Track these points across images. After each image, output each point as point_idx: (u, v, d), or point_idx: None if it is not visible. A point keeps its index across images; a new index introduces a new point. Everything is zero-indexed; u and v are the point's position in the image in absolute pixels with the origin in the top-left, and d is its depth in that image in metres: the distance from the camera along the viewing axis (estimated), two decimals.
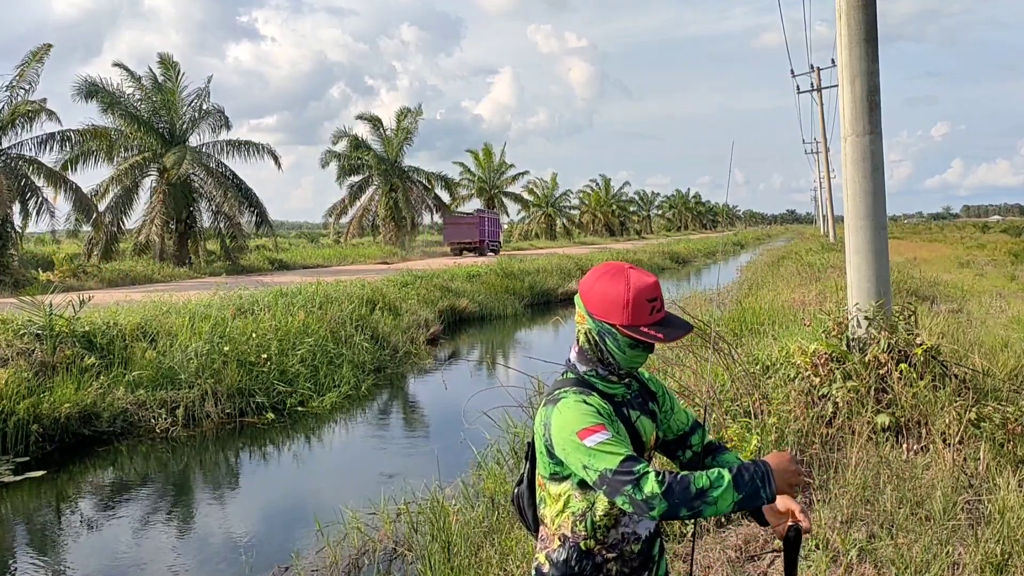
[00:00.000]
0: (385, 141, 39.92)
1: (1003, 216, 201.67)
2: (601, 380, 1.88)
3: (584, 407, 1.77)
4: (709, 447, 2.04)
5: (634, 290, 1.77)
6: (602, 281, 1.81)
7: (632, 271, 1.81)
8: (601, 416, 1.76)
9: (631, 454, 1.69)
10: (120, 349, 9.56)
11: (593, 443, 1.69)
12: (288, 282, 16.82)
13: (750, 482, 1.64)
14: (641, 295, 1.77)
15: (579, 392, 1.82)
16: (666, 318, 1.82)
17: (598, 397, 1.83)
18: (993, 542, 3.51)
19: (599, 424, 1.72)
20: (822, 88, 35.74)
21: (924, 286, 14.31)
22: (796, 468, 1.72)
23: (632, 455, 1.70)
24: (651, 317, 1.78)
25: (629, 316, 1.77)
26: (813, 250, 27.32)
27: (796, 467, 1.72)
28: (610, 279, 1.80)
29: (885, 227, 6.07)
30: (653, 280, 1.81)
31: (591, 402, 1.79)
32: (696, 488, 1.62)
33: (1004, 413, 4.77)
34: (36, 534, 6.48)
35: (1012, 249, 29.48)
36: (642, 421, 1.92)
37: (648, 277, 1.81)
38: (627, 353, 1.83)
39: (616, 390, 1.90)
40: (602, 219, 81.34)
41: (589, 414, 1.75)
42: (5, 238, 20.68)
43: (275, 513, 6.89)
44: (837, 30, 6.18)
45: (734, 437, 4.43)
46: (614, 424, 1.78)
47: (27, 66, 21.83)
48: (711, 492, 1.62)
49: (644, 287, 1.78)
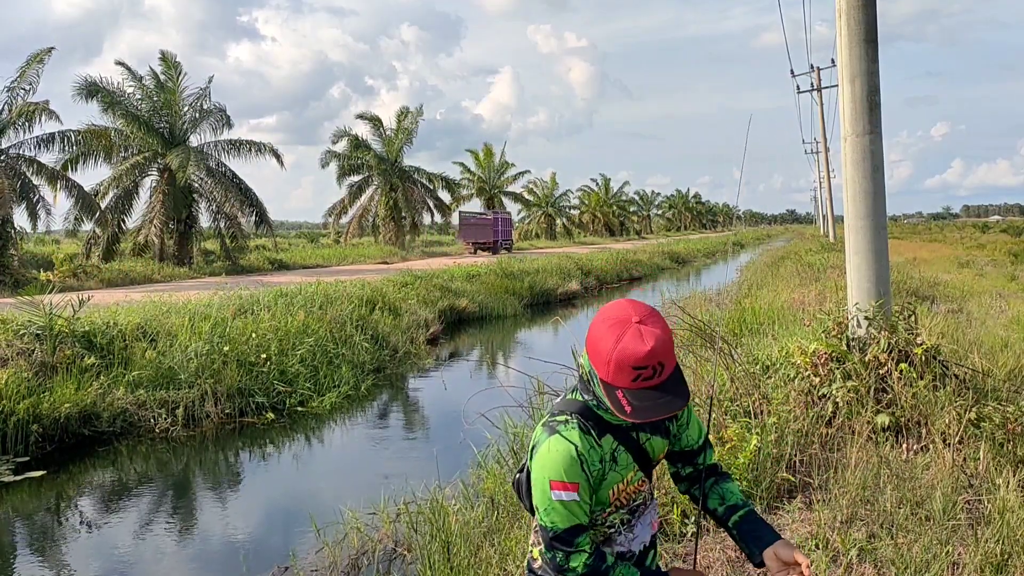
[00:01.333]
0: (385, 141, 39.90)
1: (1003, 216, 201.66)
2: (605, 412, 1.79)
3: (574, 460, 1.71)
4: (712, 469, 2.00)
5: (619, 352, 1.62)
6: (603, 326, 1.68)
7: (632, 329, 1.63)
8: (586, 475, 1.72)
9: (581, 524, 1.73)
10: (120, 349, 9.56)
11: (558, 498, 1.70)
12: (288, 282, 16.82)
13: None
14: (625, 360, 1.61)
15: (581, 431, 1.75)
16: (662, 385, 1.64)
17: (592, 442, 1.75)
18: (993, 542, 3.51)
19: (575, 483, 1.70)
20: (822, 88, 35.74)
21: (924, 286, 14.31)
22: None
23: (580, 526, 1.73)
24: (635, 384, 1.62)
25: (610, 375, 1.64)
26: (813, 250, 27.31)
27: None
28: (608, 328, 1.66)
29: (885, 227, 6.06)
30: (646, 350, 1.60)
31: (586, 453, 1.73)
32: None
33: (1004, 413, 4.77)
34: (36, 534, 6.47)
35: (1012, 249, 29.49)
36: (653, 442, 1.87)
37: (643, 345, 1.61)
38: (609, 408, 1.69)
39: (622, 422, 1.81)
40: (602, 219, 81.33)
41: (572, 469, 1.70)
42: (5, 238, 20.68)
43: (275, 513, 6.89)
44: (837, 30, 6.18)
45: (734, 437, 4.43)
46: (589, 487, 1.74)
47: (28, 67, 21.83)
48: None
49: (631, 354, 1.61)
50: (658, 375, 1.63)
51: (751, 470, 4.36)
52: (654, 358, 1.61)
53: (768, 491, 4.36)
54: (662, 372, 1.63)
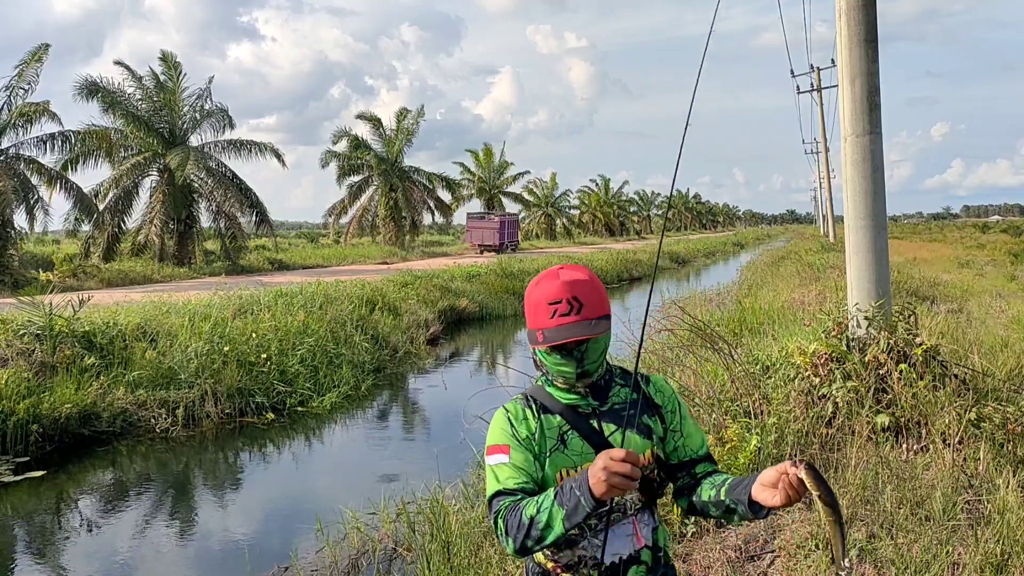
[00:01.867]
0: (385, 141, 39.89)
1: (1003, 216, 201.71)
2: (555, 388, 1.78)
3: (504, 423, 1.72)
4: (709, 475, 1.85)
5: (536, 293, 1.70)
6: (531, 285, 1.74)
7: (550, 273, 1.71)
8: (515, 437, 1.69)
9: (505, 489, 1.64)
10: (120, 349, 9.56)
11: (491, 462, 1.68)
12: (288, 282, 16.82)
13: (569, 492, 1.52)
14: (541, 298, 1.68)
15: (520, 403, 1.77)
16: (581, 322, 1.64)
17: (527, 413, 1.74)
18: (993, 542, 3.51)
19: (505, 445, 1.68)
20: (822, 88, 35.75)
21: (924, 286, 14.31)
22: (604, 461, 1.46)
23: (505, 490, 1.64)
24: (553, 320, 1.65)
25: (533, 320, 1.70)
26: (813, 250, 27.32)
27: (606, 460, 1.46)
28: (533, 284, 1.73)
29: (885, 227, 6.06)
30: (558, 282, 1.67)
31: (516, 418, 1.72)
32: (527, 517, 1.55)
33: (1004, 413, 4.77)
34: (36, 534, 6.47)
35: (1012, 249, 29.49)
36: (624, 436, 1.71)
37: (556, 280, 1.67)
38: (547, 359, 1.73)
39: (572, 399, 1.77)
40: (602, 219, 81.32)
41: (504, 431, 1.71)
42: (5, 238, 20.67)
43: (275, 513, 6.89)
44: (837, 30, 6.18)
45: (734, 437, 4.43)
46: (525, 449, 1.68)
47: (26, 66, 21.79)
48: (540, 516, 1.54)
49: (545, 290, 1.68)
50: (575, 312, 1.64)
51: (751, 470, 4.35)
52: (567, 291, 1.65)
53: None
54: (580, 310, 1.64)
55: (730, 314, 11.04)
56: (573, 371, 1.71)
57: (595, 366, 1.73)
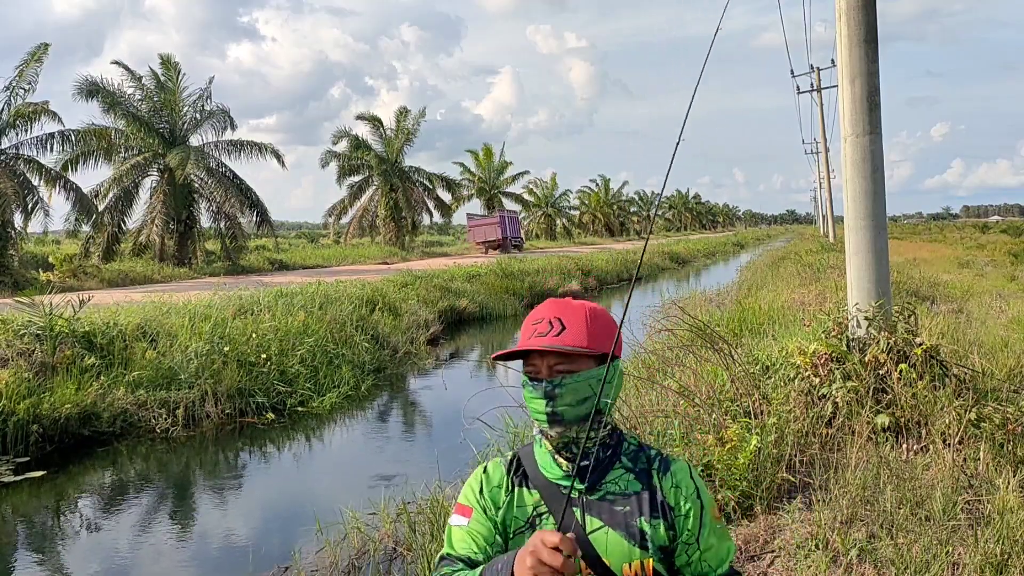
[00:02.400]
0: (385, 141, 39.91)
1: (1003, 216, 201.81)
2: (543, 451, 1.53)
3: (477, 484, 1.54)
4: None
5: (528, 317, 1.56)
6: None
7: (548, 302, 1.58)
8: (481, 504, 1.50)
9: (451, 554, 1.48)
10: (120, 349, 9.56)
11: (451, 522, 1.52)
12: (288, 282, 16.82)
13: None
14: (529, 319, 1.54)
15: (502, 466, 1.56)
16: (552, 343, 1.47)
17: (505, 480, 1.52)
18: (993, 542, 3.51)
19: (470, 508, 1.51)
20: (822, 88, 35.77)
21: (924, 286, 14.31)
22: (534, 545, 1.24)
23: (451, 555, 1.48)
24: (530, 340, 1.49)
25: (519, 344, 1.53)
26: (813, 250, 27.31)
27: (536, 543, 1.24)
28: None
29: (885, 227, 6.06)
30: (550, 302, 1.55)
31: (488, 484, 1.53)
32: None
33: (1004, 413, 4.77)
34: (36, 534, 6.48)
35: (1012, 249, 29.47)
36: (607, 537, 1.43)
37: (550, 301, 1.56)
38: (524, 396, 1.52)
39: (556, 476, 1.50)
40: (602, 219, 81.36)
41: (474, 492, 1.53)
42: (5, 239, 20.68)
43: (275, 513, 6.89)
44: (837, 30, 6.18)
45: (734, 437, 4.43)
46: (489, 520, 1.48)
47: (26, 66, 21.80)
48: None
49: (536, 311, 1.55)
50: (554, 333, 1.47)
51: (751, 470, 4.36)
52: (551, 311, 1.51)
53: (768, 491, 4.36)
54: (561, 332, 1.47)
55: (730, 314, 11.04)
56: (542, 409, 1.46)
57: (571, 412, 1.45)
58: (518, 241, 46.05)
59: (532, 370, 1.49)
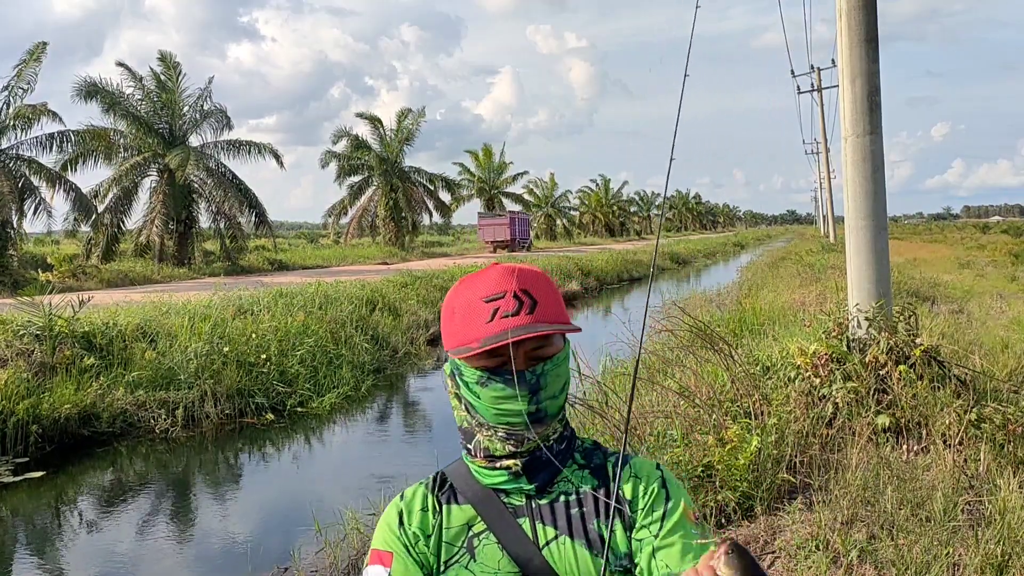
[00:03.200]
0: (385, 141, 39.92)
1: (1004, 216, 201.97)
2: (476, 462, 1.19)
3: (392, 519, 1.19)
4: None
5: (463, 291, 1.15)
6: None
7: (480, 271, 1.18)
8: (402, 541, 1.16)
9: None
10: (120, 349, 9.56)
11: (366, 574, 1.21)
12: (288, 282, 16.81)
13: None
14: (473, 296, 1.13)
15: (424, 488, 1.22)
16: (534, 324, 1.10)
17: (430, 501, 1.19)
18: (993, 543, 3.50)
19: (388, 552, 1.17)
20: (822, 88, 35.78)
21: (924, 287, 14.31)
22: None
23: None
24: (493, 324, 1.09)
25: (459, 333, 1.13)
26: (813, 251, 27.33)
27: None
28: (455, 287, 1.19)
29: (886, 228, 6.06)
30: (500, 270, 1.14)
31: (408, 513, 1.19)
32: None
33: (1004, 414, 4.76)
34: (35, 535, 6.47)
35: (1012, 250, 29.47)
36: (561, 549, 1.12)
37: (492, 270, 1.15)
38: (481, 396, 1.13)
39: (497, 479, 1.17)
40: (602, 219, 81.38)
41: (391, 531, 1.18)
42: (4, 239, 20.67)
43: (274, 514, 6.89)
44: (837, 30, 6.17)
45: (734, 438, 4.43)
46: (415, 561, 1.15)
47: (25, 66, 21.80)
48: None
49: (481, 283, 1.14)
50: (527, 310, 1.10)
51: (752, 471, 4.35)
52: (513, 282, 1.12)
53: (768, 492, 4.36)
54: (533, 308, 1.10)
55: (730, 314, 11.03)
56: (522, 408, 1.11)
57: (554, 405, 1.14)
58: (527, 242, 46.66)
59: (497, 362, 1.11)
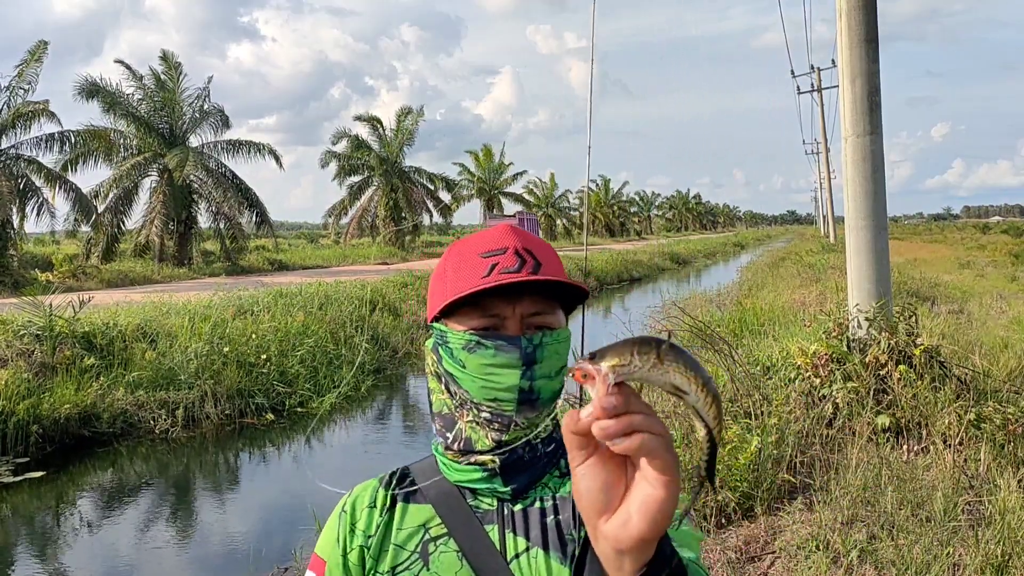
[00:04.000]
0: (385, 142, 39.92)
1: (1004, 217, 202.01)
2: (446, 457, 1.05)
3: (332, 522, 1.07)
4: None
5: (460, 248, 1.04)
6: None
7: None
8: (342, 546, 1.03)
9: None
10: (120, 350, 9.56)
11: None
12: (288, 283, 16.82)
13: None
14: (471, 249, 1.01)
15: (380, 482, 1.08)
16: (537, 280, 0.97)
17: (381, 500, 1.05)
18: (994, 543, 3.50)
19: (321, 559, 1.05)
20: (822, 88, 35.79)
21: (924, 287, 14.31)
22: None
23: None
24: (489, 277, 0.96)
25: (449, 289, 0.99)
26: (813, 251, 27.32)
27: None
28: (451, 247, 1.08)
29: (886, 228, 6.06)
30: (502, 229, 1.04)
31: (355, 510, 1.05)
32: None
33: (1004, 414, 4.76)
34: (36, 535, 6.47)
35: (1012, 250, 29.48)
36: (532, 563, 0.97)
37: (492, 230, 1.05)
38: (468, 364, 0.98)
39: (467, 476, 1.02)
40: (602, 220, 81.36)
41: (331, 534, 1.06)
42: (5, 239, 20.67)
43: (274, 514, 6.89)
44: (837, 30, 6.17)
45: (735, 438, 4.43)
46: (353, 565, 1.02)
47: (26, 65, 21.79)
48: None
49: (479, 239, 1.03)
50: (528, 267, 0.98)
51: (752, 471, 4.35)
52: (511, 239, 1.01)
53: (769, 492, 4.36)
54: (537, 268, 0.98)
55: (730, 315, 11.03)
56: (513, 382, 0.96)
57: (548, 388, 0.98)
58: None
59: (488, 323, 0.98)
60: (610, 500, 0.62)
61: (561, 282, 0.97)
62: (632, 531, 0.60)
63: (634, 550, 0.61)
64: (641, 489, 0.60)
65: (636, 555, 0.62)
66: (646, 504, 0.60)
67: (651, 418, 0.60)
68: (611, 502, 0.62)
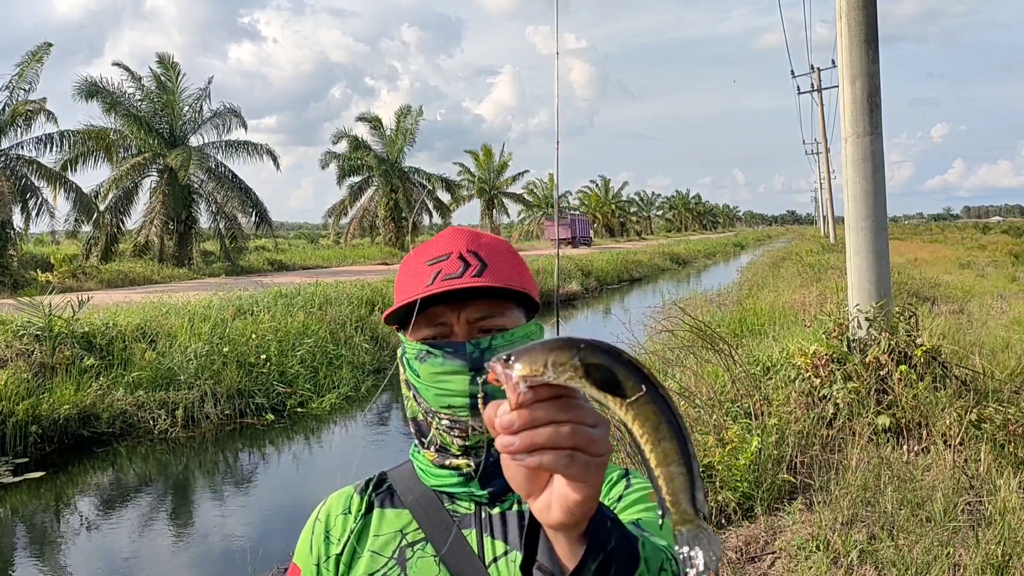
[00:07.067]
0: (385, 142, 39.90)
1: (1004, 217, 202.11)
2: (423, 457, 1.04)
3: (310, 528, 1.09)
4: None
5: (411, 259, 1.05)
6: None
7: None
8: (318, 555, 1.04)
9: None
10: (119, 350, 9.55)
11: None
12: (288, 283, 16.81)
13: None
14: (420, 258, 1.02)
15: (355, 490, 1.09)
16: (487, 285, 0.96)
17: (357, 506, 1.06)
18: (994, 543, 3.49)
19: (299, 569, 1.06)
20: (822, 89, 35.78)
21: (925, 287, 14.30)
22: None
23: None
24: (427, 290, 0.95)
25: (398, 299, 1.01)
26: (813, 251, 27.32)
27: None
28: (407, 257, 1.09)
29: (886, 228, 6.06)
30: (450, 233, 1.05)
31: (329, 517, 1.07)
32: None
33: (1005, 414, 4.76)
34: (35, 535, 6.47)
35: (1013, 250, 29.47)
36: (511, 566, 0.96)
37: (443, 234, 1.06)
38: (421, 373, 0.98)
39: (443, 479, 1.01)
40: (602, 220, 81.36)
41: (306, 542, 1.08)
42: (4, 239, 20.66)
43: (275, 514, 6.88)
44: (838, 31, 6.17)
45: (735, 438, 4.42)
46: (327, 571, 1.03)
47: (27, 66, 21.79)
48: None
49: (428, 247, 1.04)
50: (472, 271, 0.97)
51: (752, 471, 4.35)
52: (457, 243, 1.01)
53: (769, 492, 4.35)
54: (483, 270, 0.97)
55: (731, 315, 11.03)
56: (463, 389, 0.95)
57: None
58: (586, 239, 53.10)
59: (436, 332, 0.98)
60: (534, 486, 0.61)
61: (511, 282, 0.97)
62: (551, 519, 0.61)
63: (559, 532, 0.63)
64: (560, 485, 0.60)
65: (566, 533, 0.63)
66: (562, 500, 0.60)
67: (559, 429, 0.58)
68: (536, 486, 0.61)
